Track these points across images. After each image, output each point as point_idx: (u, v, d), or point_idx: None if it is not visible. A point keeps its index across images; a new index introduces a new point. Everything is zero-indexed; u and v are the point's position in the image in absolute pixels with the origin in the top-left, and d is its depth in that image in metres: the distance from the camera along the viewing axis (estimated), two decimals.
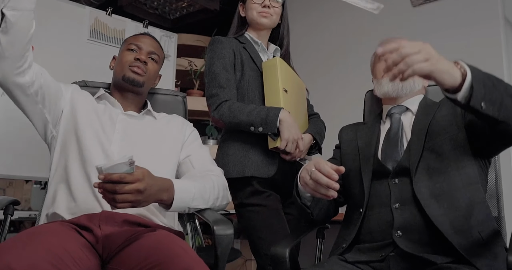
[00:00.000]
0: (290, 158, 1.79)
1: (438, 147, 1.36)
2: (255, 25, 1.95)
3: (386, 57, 1.08)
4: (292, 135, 1.72)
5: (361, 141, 1.55)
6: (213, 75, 1.82)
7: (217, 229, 1.27)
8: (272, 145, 1.75)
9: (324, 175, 1.21)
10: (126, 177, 1.12)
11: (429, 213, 1.27)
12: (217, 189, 1.47)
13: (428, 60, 1.05)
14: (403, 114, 1.52)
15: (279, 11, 1.97)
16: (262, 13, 1.91)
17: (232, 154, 1.80)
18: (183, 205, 1.34)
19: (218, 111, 1.78)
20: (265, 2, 1.91)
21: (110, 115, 1.57)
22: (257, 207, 1.75)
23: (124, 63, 1.65)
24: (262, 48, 1.96)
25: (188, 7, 4.27)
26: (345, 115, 2.08)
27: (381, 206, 1.37)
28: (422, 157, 1.36)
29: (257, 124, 1.72)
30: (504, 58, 2.60)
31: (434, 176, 1.33)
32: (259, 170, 1.76)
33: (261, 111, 1.73)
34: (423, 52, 1.06)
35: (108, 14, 2.88)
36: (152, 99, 1.86)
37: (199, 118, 4.02)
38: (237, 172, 1.76)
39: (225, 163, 1.79)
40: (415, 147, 1.38)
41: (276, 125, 1.70)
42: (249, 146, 1.79)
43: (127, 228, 1.33)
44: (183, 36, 3.99)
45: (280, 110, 1.72)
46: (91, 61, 2.67)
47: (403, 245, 1.27)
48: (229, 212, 2.87)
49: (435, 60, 1.06)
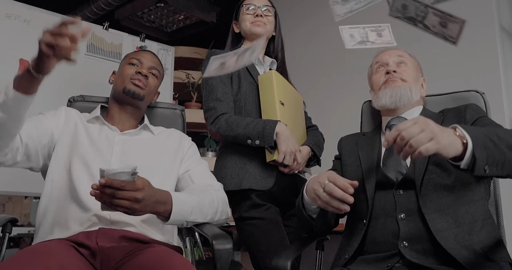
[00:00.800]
0: (288, 171, 1.79)
1: (443, 162, 1.35)
2: (250, 35, 1.96)
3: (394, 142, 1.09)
4: (290, 148, 1.72)
5: (362, 152, 1.55)
6: (210, 88, 1.83)
7: (216, 244, 1.26)
8: (270, 158, 1.74)
9: (339, 188, 1.20)
10: (126, 185, 1.13)
11: (432, 227, 1.27)
12: (216, 203, 1.46)
13: (433, 138, 1.05)
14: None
15: (272, 20, 1.99)
16: (255, 22, 1.93)
17: (230, 167, 1.80)
18: (181, 218, 1.33)
19: (216, 124, 1.78)
20: (258, 12, 1.94)
21: (107, 137, 1.57)
22: (257, 220, 1.74)
23: (125, 76, 1.65)
24: (258, 61, 1.97)
25: (185, 20, 4.30)
26: (343, 125, 2.08)
27: (386, 216, 1.37)
28: (427, 171, 1.36)
29: (254, 137, 1.72)
30: (500, 63, 2.61)
31: (439, 190, 1.33)
32: (257, 183, 1.76)
33: (257, 124, 1.73)
34: (426, 130, 1.05)
35: (105, 29, 2.90)
36: (151, 113, 1.86)
37: (197, 131, 4.02)
38: (234, 185, 1.76)
39: (223, 175, 1.79)
40: (419, 160, 1.37)
41: (273, 138, 1.71)
42: (246, 158, 1.79)
43: (125, 244, 1.33)
44: (180, 48, 4.01)
45: (277, 123, 1.72)
46: (88, 76, 2.67)
47: (409, 255, 1.26)
48: (229, 224, 2.86)
49: (439, 137, 1.06)
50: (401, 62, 1.58)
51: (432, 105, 1.67)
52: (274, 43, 2.06)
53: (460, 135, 1.10)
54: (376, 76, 1.59)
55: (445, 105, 1.66)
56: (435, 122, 1.43)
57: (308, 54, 3.54)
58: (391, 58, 1.59)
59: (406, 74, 1.55)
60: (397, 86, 1.52)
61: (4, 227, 1.56)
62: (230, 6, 2.09)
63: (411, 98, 1.52)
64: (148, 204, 1.20)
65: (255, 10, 1.95)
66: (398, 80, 1.53)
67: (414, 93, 1.53)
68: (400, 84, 1.53)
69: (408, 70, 1.57)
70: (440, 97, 1.72)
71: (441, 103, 1.68)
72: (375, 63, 1.63)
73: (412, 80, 1.55)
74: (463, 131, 1.10)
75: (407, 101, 1.52)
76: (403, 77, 1.54)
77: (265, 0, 2.01)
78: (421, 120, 1.07)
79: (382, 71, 1.58)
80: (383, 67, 1.59)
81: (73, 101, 1.87)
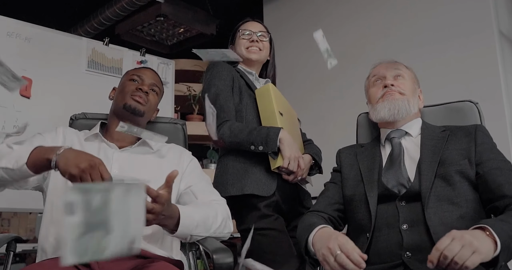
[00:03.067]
0: (292, 179, 1.79)
1: (449, 176, 1.37)
2: (246, 60, 2.01)
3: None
4: (294, 153, 1.73)
5: (363, 165, 1.55)
6: (213, 96, 1.84)
7: (217, 258, 1.28)
8: (274, 164, 1.75)
9: (352, 262, 1.19)
10: (160, 196, 1.15)
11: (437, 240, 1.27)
12: (220, 218, 1.47)
13: (475, 251, 1.07)
14: (403, 138, 1.53)
15: (267, 45, 2.03)
16: (250, 49, 1.98)
17: (231, 172, 1.81)
18: (187, 232, 1.34)
19: (219, 131, 1.79)
20: (253, 37, 1.98)
21: (106, 154, 1.57)
22: (267, 230, 1.74)
23: (126, 92, 1.66)
24: (256, 78, 2.01)
25: (185, 33, 4.34)
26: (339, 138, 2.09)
27: (389, 227, 1.37)
28: (434, 184, 1.37)
29: (257, 143, 1.73)
30: (500, 69, 2.61)
31: (444, 204, 1.34)
32: (259, 188, 1.76)
33: (261, 130, 1.75)
34: (465, 245, 1.07)
35: (105, 44, 2.92)
36: (151, 128, 1.86)
37: (200, 143, 4.04)
38: (236, 190, 1.76)
39: (224, 182, 1.79)
40: (426, 173, 1.39)
41: (276, 143, 1.72)
42: (248, 164, 1.80)
43: (125, 260, 1.33)
44: (181, 61, 4.03)
45: (280, 130, 1.74)
46: (89, 92, 2.69)
47: (413, 265, 1.27)
48: (233, 236, 2.86)
49: (479, 248, 1.08)
50: (398, 75, 1.59)
51: (427, 116, 1.68)
52: (268, 67, 2.10)
53: (490, 235, 1.13)
54: (373, 89, 1.60)
55: (439, 115, 1.68)
56: (439, 140, 1.47)
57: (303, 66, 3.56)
58: (388, 71, 1.59)
59: (403, 87, 1.56)
60: (395, 99, 1.53)
61: (8, 245, 1.57)
62: (230, 18, 2.11)
63: (409, 111, 1.53)
64: (161, 218, 1.21)
65: (250, 35, 1.99)
66: (396, 93, 1.54)
67: (412, 105, 1.54)
68: (398, 97, 1.53)
69: (405, 83, 1.58)
70: (434, 108, 1.73)
71: (436, 114, 1.69)
72: (372, 76, 1.63)
73: (410, 92, 1.56)
74: (495, 235, 1.12)
75: (406, 114, 1.53)
76: (401, 90, 1.55)
77: (260, 26, 2.06)
78: (457, 235, 1.10)
79: (380, 85, 1.58)
80: (380, 80, 1.59)
81: (75, 119, 1.88)
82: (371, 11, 3.25)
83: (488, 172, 1.35)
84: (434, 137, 1.48)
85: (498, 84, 2.58)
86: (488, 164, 1.37)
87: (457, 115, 1.66)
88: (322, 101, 3.39)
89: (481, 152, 1.40)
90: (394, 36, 3.05)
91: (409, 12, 3.05)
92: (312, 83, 3.48)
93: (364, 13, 3.28)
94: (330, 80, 3.33)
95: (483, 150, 1.40)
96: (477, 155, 1.40)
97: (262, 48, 2.00)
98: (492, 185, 1.33)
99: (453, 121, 1.62)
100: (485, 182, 1.35)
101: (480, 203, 1.37)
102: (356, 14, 3.33)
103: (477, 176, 1.38)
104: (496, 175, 1.34)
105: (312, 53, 3.46)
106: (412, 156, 1.47)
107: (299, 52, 3.57)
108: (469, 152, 1.41)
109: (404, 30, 3.03)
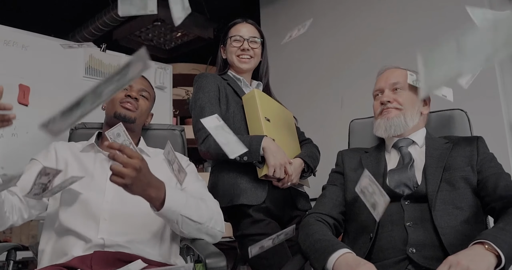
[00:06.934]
0: (282, 185, 1.80)
1: (454, 181, 1.43)
2: (236, 68, 2.01)
3: None
4: (278, 161, 1.73)
5: (368, 168, 1.56)
6: (199, 109, 1.86)
7: (209, 263, 1.29)
8: (261, 173, 1.77)
9: None
10: (126, 148, 1.20)
11: (445, 241, 1.31)
12: (211, 210, 1.48)
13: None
14: (410, 146, 1.58)
15: (259, 52, 2.02)
16: (241, 58, 1.97)
17: (221, 184, 1.83)
18: (175, 209, 1.34)
19: (205, 144, 1.81)
20: (244, 45, 1.97)
21: (102, 163, 1.58)
22: (259, 236, 1.74)
23: (115, 100, 1.67)
24: (244, 84, 2.01)
25: (182, 37, 4.35)
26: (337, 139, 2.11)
27: (393, 224, 1.41)
28: (440, 188, 1.42)
29: (242, 154, 1.73)
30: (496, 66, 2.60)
31: (449, 208, 1.39)
32: (248, 198, 1.78)
33: (244, 141, 1.73)
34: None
35: (102, 50, 2.92)
36: (149, 135, 1.87)
37: None
38: (227, 201, 1.78)
39: (215, 193, 1.80)
40: (432, 177, 1.44)
41: (259, 153, 1.73)
42: (237, 175, 1.82)
43: (120, 266, 1.33)
44: (179, 65, 4.05)
45: (263, 138, 1.74)
46: None
47: (419, 260, 1.30)
48: (233, 239, 2.86)
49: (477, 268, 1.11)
50: (396, 88, 1.61)
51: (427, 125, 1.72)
52: (260, 68, 2.09)
53: (491, 249, 1.15)
54: (375, 103, 1.66)
55: (430, 123, 1.73)
56: (444, 150, 1.52)
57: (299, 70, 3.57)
58: (387, 85, 1.63)
59: (401, 99, 1.60)
60: (390, 118, 1.58)
61: (8, 254, 1.59)
62: (227, 21, 2.11)
63: (405, 126, 1.58)
64: (142, 180, 1.22)
65: (241, 42, 1.97)
66: (392, 110, 1.59)
67: (409, 119, 1.58)
68: (394, 114, 1.58)
69: (403, 95, 1.61)
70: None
71: (428, 121, 1.72)
72: (375, 90, 1.68)
73: (408, 104, 1.60)
74: (497, 249, 1.15)
75: (402, 129, 1.58)
76: (397, 106, 1.59)
77: (252, 29, 2.03)
78: (453, 262, 1.13)
79: (379, 99, 1.64)
80: (381, 94, 1.64)
81: (75, 129, 1.91)
82: (368, 14, 3.26)
83: (487, 177, 1.41)
84: (438, 147, 1.54)
85: (494, 81, 2.57)
86: (489, 171, 1.43)
87: (448, 123, 1.74)
88: (318, 103, 3.39)
89: (482, 160, 1.46)
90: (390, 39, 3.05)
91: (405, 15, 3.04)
92: (308, 86, 3.48)
93: (361, 16, 3.29)
94: (326, 82, 3.34)
95: (484, 159, 1.47)
96: (478, 163, 1.46)
97: (253, 55, 1.99)
98: (490, 188, 1.38)
99: (444, 129, 1.71)
100: (485, 187, 1.40)
101: (480, 209, 1.41)
102: (353, 17, 3.34)
103: (477, 182, 1.43)
104: (495, 179, 1.40)
105: (309, 56, 3.48)
106: (418, 164, 1.52)
107: (295, 55, 3.57)
108: (472, 160, 1.47)
109: (400, 33, 3.03)
